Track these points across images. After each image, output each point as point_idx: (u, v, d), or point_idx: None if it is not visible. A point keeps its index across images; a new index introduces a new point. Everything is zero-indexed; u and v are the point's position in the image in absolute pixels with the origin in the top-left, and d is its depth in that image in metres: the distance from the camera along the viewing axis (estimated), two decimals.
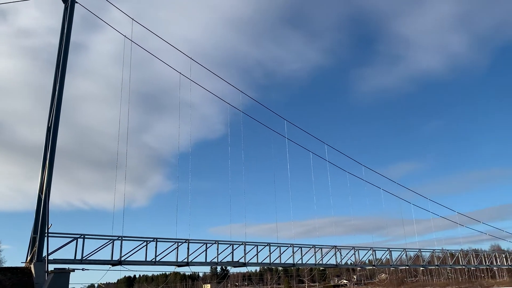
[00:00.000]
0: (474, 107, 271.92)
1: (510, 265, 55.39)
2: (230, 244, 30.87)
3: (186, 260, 28.49)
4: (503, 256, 55.04)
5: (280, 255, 33.19)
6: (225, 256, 30.40)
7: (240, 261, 31.34)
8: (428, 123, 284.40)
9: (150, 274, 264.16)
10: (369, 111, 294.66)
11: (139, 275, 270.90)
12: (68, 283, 22.42)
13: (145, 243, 26.90)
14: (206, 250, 29.30)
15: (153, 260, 27.09)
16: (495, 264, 53.80)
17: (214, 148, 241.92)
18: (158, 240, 27.50)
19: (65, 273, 22.41)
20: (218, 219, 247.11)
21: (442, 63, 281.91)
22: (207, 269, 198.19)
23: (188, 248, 28.67)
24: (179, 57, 33.36)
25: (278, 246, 33.27)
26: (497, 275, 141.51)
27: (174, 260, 28.07)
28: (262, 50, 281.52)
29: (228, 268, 39.02)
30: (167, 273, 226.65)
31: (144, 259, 26.81)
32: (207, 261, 29.56)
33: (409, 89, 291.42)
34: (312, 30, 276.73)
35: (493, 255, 54.16)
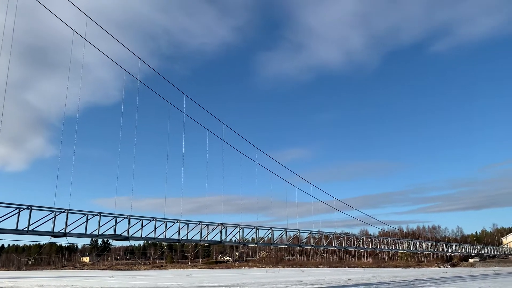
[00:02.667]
0: (365, 102, 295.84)
1: (374, 248, 61.96)
2: (114, 216, 29.82)
3: (63, 230, 26.86)
4: (370, 240, 61.40)
5: (165, 230, 32.95)
6: (107, 229, 29.33)
7: (123, 234, 30.45)
8: (322, 113, 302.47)
9: (21, 244, 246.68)
10: (268, 96, 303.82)
11: (9, 244, 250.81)
12: None
13: (17, 211, 24.70)
14: (86, 221, 27.96)
15: (26, 229, 25.04)
16: (362, 247, 59.69)
17: (107, 115, 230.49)
18: (32, 208, 25.43)
19: None
20: (104, 190, 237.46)
21: (339, 57, 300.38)
22: (87, 241, 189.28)
23: (66, 219, 27.07)
24: (74, 12, 30.57)
25: (164, 221, 32.94)
26: (363, 257, 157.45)
27: (50, 230, 26.35)
28: (171, 18, 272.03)
29: (110, 241, 37.69)
30: (42, 243, 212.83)
31: (15, 228, 24.66)
32: (87, 233, 28.20)
33: (308, 79, 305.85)
34: (224, 6, 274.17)
35: (361, 238, 60.08)
